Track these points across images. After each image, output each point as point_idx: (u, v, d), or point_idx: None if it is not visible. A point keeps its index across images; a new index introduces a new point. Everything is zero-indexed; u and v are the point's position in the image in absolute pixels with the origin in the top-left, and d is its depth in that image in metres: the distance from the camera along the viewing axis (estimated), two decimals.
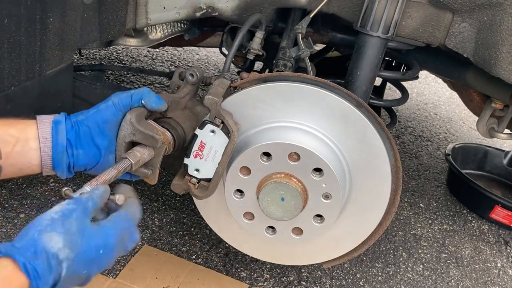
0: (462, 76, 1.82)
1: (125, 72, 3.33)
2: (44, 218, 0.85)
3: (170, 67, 3.67)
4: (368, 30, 1.43)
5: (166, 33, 1.76)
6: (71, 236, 0.85)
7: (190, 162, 1.30)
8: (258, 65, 2.32)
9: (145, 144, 1.19)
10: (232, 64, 1.53)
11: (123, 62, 3.58)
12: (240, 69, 1.87)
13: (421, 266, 2.11)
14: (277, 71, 1.47)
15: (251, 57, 1.61)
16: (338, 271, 1.98)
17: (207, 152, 1.28)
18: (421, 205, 2.56)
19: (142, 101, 1.19)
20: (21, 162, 1.07)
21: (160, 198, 2.23)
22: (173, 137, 1.26)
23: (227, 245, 1.84)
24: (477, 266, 2.18)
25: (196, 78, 1.32)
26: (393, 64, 2.13)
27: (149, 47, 1.80)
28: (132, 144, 1.20)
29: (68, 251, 0.84)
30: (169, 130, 1.25)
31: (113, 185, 1.03)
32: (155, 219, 2.09)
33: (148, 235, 1.99)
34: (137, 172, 1.22)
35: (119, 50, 3.70)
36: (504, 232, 2.46)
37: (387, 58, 1.94)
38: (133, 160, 1.13)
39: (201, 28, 1.87)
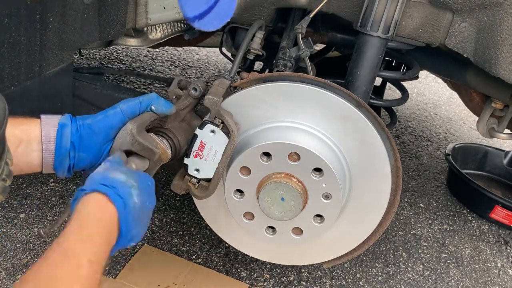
0: (462, 76, 1.81)
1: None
2: (98, 169, 1.04)
3: (170, 67, 3.67)
4: (368, 30, 1.43)
5: (166, 33, 1.76)
6: (129, 173, 1.05)
7: (190, 162, 1.30)
8: (258, 65, 2.32)
9: (142, 155, 1.18)
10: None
11: (123, 62, 3.58)
12: (240, 69, 1.87)
13: (421, 266, 2.11)
14: (277, 71, 1.47)
15: (251, 57, 1.61)
16: (338, 271, 1.98)
17: (207, 152, 1.28)
18: (421, 205, 2.56)
19: (152, 107, 1.20)
20: (22, 162, 1.07)
21: (160, 198, 2.22)
22: (171, 151, 1.26)
23: (227, 245, 1.84)
24: (477, 266, 2.18)
25: (199, 92, 1.32)
26: (393, 64, 2.13)
27: (149, 47, 1.80)
28: (126, 153, 1.20)
29: (132, 181, 1.02)
30: (169, 143, 1.25)
31: None
32: (155, 219, 2.09)
33: (148, 235, 1.99)
34: None
35: (119, 50, 3.70)
36: (504, 232, 2.46)
37: (387, 58, 1.94)
38: None
39: None
